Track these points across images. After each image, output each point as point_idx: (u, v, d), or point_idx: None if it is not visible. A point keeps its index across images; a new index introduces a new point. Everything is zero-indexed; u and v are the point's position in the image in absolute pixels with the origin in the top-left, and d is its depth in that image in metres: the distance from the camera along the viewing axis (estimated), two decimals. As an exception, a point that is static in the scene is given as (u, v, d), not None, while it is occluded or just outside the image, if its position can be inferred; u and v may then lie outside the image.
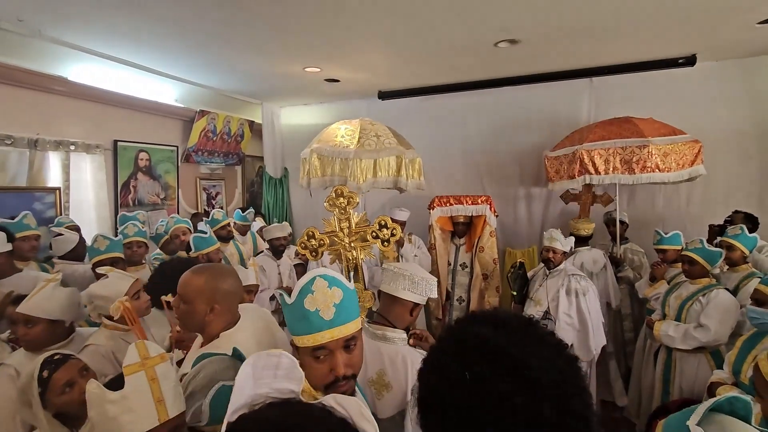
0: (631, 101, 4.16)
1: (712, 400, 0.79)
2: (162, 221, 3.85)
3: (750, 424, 0.78)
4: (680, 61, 3.90)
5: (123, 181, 4.19)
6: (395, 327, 1.47)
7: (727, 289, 2.66)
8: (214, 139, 5.13)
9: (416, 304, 1.51)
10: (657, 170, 3.44)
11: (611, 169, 3.57)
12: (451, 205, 4.08)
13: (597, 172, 3.61)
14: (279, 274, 3.64)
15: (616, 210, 3.93)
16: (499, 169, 4.97)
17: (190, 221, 3.70)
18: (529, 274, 3.48)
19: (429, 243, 4.21)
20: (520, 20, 3.02)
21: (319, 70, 4.16)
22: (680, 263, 2.91)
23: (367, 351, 1.43)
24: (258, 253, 4.37)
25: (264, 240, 3.89)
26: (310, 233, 1.97)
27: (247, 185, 6.02)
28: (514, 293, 3.44)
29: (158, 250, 3.62)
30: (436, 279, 1.57)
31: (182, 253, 3.26)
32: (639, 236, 4.11)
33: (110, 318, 1.87)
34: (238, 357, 1.28)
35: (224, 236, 3.78)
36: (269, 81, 4.60)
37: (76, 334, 1.90)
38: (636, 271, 3.89)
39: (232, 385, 0.65)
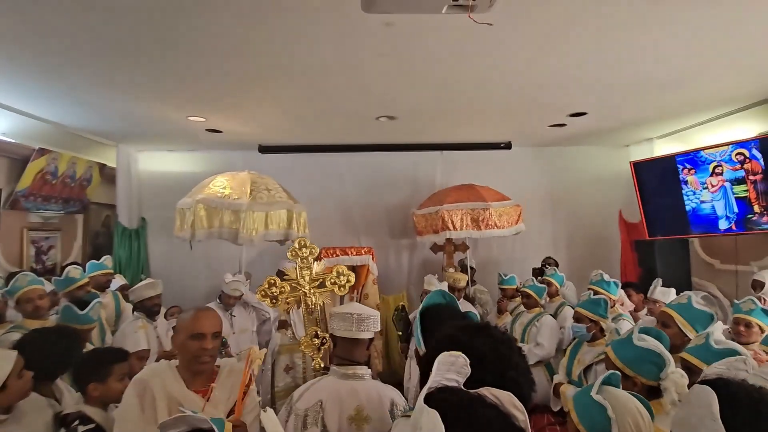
0: (471, 171, 5.29)
1: (602, 377, 1.28)
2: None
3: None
4: (501, 145, 5.26)
5: None
6: (360, 364, 1.66)
7: (551, 315, 3.61)
8: (54, 182, 4.31)
9: (371, 339, 1.75)
10: (496, 227, 4.49)
11: (465, 226, 4.48)
12: (337, 255, 4.38)
13: (455, 228, 4.47)
14: (157, 337, 3.24)
15: (467, 258, 4.86)
16: (372, 222, 5.54)
17: (43, 281, 3.00)
18: (411, 316, 3.98)
19: (316, 293, 4.35)
20: (401, 104, 3.71)
21: (204, 120, 4.09)
22: (519, 297, 3.82)
23: (340, 391, 1.57)
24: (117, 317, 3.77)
25: (129, 301, 3.41)
26: (272, 281, 2.01)
27: (90, 237, 5.11)
28: (399, 333, 3.87)
29: None
30: (378, 313, 1.82)
31: (31, 322, 2.63)
32: (483, 278, 5.12)
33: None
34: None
35: (81, 297, 3.19)
36: (130, 121, 4.18)
37: None
38: (483, 308, 4.80)
39: None
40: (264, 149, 5.20)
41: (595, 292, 3.28)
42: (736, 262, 4.11)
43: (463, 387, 0.79)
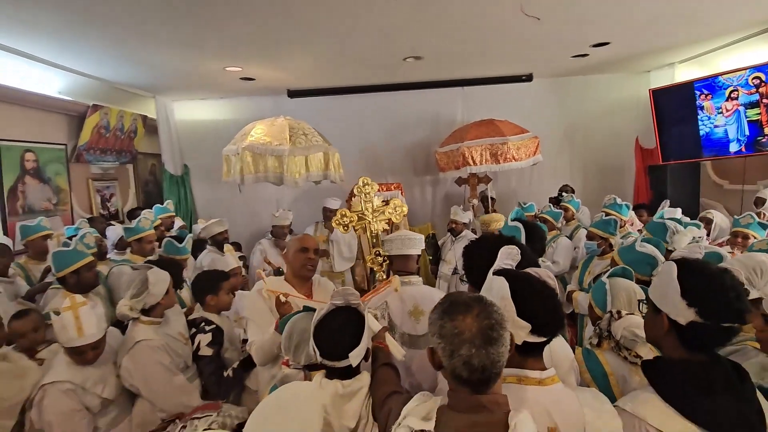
0: (491, 106, 5.46)
1: (612, 269, 1.71)
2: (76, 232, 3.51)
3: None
4: (523, 77, 5.34)
5: (9, 186, 3.66)
6: (413, 273, 2.14)
7: (566, 236, 4.04)
8: (107, 136, 4.71)
9: (418, 255, 2.21)
10: (514, 160, 4.77)
11: (484, 160, 4.78)
12: (369, 192, 4.77)
13: (475, 163, 4.78)
14: (227, 266, 3.80)
15: (488, 189, 5.21)
16: (396, 160, 5.87)
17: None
18: (440, 242, 4.47)
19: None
20: (427, 43, 3.86)
21: (240, 69, 4.32)
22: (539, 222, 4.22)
23: (401, 293, 2.06)
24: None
25: (201, 237, 3.94)
26: (343, 213, 2.48)
27: (141, 185, 5.61)
28: (430, 257, 4.40)
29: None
30: (422, 235, 2.27)
31: (137, 257, 3.16)
32: (503, 208, 5.51)
33: (146, 312, 2.03)
34: (310, 310, 1.75)
35: (158, 237, 3.72)
36: (169, 73, 4.44)
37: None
38: (504, 234, 5.24)
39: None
40: (293, 93, 5.42)
41: (607, 214, 3.66)
42: (743, 182, 4.37)
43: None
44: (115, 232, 3.98)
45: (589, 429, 1.03)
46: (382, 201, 2.63)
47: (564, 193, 4.77)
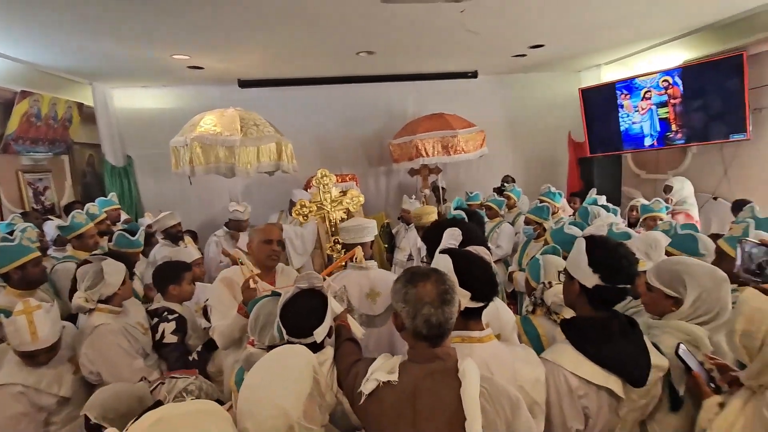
0: (440, 100, 5.72)
1: (545, 248, 1.97)
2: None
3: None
4: (469, 74, 5.64)
5: (-73, 180, 3.36)
6: (368, 260, 2.29)
7: (509, 223, 4.39)
8: (38, 124, 4.39)
9: (372, 241, 2.37)
10: (463, 152, 5.08)
11: (436, 152, 5.05)
12: (324, 183, 4.86)
13: (427, 155, 5.03)
14: (180, 260, 3.74)
15: (437, 179, 5.49)
16: (350, 152, 5.98)
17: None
18: (393, 230, 4.67)
19: (309, 217, 4.91)
20: (379, 39, 4.00)
21: (188, 57, 4.20)
22: (484, 210, 4.55)
23: (357, 278, 2.21)
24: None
25: (153, 231, 3.83)
26: (303, 203, 2.55)
27: (78, 176, 5.28)
28: (386, 246, 4.59)
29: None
30: (374, 222, 2.43)
31: (81, 253, 3.03)
32: (452, 197, 5.81)
33: (104, 302, 2.03)
34: (276, 294, 1.87)
35: (104, 231, 3.58)
36: (109, 60, 4.21)
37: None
38: (452, 222, 5.56)
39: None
40: (244, 84, 5.33)
41: (542, 201, 4.03)
42: (656, 172, 4.98)
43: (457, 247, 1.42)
44: (52, 227, 3.77)
45: (518, 376, 1.26)
46: (340, 192, 2.75)
47: (506, 183, 5.15)
